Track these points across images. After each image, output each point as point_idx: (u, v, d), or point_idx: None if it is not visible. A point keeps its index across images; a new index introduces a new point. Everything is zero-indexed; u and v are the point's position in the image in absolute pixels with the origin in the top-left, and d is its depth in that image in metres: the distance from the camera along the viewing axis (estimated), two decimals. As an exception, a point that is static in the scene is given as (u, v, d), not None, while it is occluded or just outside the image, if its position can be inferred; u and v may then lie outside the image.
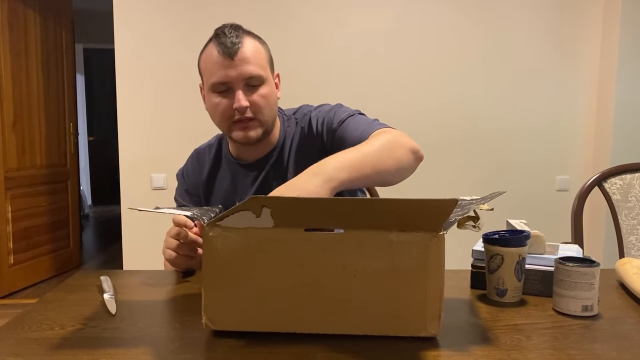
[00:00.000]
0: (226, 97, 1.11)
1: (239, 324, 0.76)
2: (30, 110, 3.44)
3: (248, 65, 1.09)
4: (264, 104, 1.12)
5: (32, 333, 0.77)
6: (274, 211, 0.71)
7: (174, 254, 1.03)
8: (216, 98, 1.12)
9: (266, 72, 1.14)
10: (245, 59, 1.09)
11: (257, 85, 1.12)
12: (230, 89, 1.11)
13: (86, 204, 6.06)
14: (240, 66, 1.09)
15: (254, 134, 1.13)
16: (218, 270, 0.75)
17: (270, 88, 1.15)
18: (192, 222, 1.01)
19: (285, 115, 1.27)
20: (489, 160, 3.10)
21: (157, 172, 3.02)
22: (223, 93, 1.12)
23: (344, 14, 2.98)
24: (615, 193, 1.53)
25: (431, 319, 0.73)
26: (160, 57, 2.97)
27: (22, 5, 3.34)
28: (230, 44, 1.08)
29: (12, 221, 3.29)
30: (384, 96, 3.02)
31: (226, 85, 1.10)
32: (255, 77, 1.10)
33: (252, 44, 1.12)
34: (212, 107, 1.14)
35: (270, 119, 1.17)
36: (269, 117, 1.16)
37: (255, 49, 1.12)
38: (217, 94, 1.12)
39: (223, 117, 1.13)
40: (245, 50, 1.09)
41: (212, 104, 1.13)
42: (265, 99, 1.12)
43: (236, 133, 1.14)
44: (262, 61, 1.13)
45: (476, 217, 0.84)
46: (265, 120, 1.14)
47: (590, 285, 0.83)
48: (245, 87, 1.11)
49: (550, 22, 3.04)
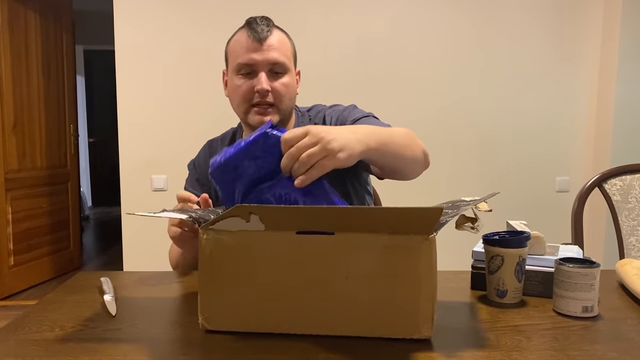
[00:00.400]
0: (249, 79, 1.14)
1: (234, 324, 0.77)
2: (30, 112, 3.44)
3: (275, 51, 1.13)
4: (284, 92, 1.15)
5: (33, 334, 0.77)
6: (263, 217, 0.72)
7: (179, 230, 1.01)
8: (239, 80, 1.15)
9: (290, 63, 1.18)
10: (272, 46, 1.13)
11: (281, 73, 1.15)
12: (255, 72, 1.14)
13: (86, 205, 6.06)
14: (267, 51, 1.13)
15: (270, 119, 1.15)
16: (212, 273, 0.76)
17: (291, 79, 1.18)
18: (196, 197, 1.00)
19: (299, 111, 1.30)
20: (489, 162, 3.10)
21: (157, 174, 3.02)
22: (247, 75, 1.15)
23: (345, 16, 2.98)
24: (615, 194, 1.53)
25: (424, 321, 0.73)
26: (160, 58, 2.97)
27: (22, 7, 3.34)
28: (261, 30, 1.13)
29: (12, 222, 3.29)
30: (383, 98, 3.02)
31: (251, 67, 1.14)
32: (280, 64, 1.14)
33: (281, 35, 1.17)
34: (233, 89, 1.17)
35: (288, 109, 1.19)
36: (287, 107, 1.18)
37: (282, 39, 1.17)
38: (241, 75, 1.15)
39: (244, 98, 1.15)
40: (274, 38, 1.14)
41: (234, 85, 1.16)
42: (286, 88, 1.16)
43: (253, 117, 1.15)
44: (287, 52, 1.17)
45: (475, 218, 0.84)
46: (284, 109, 1.17)
47: (591, 286, 0.83)
48: (269, 72, 1.14)
49: (550, 23, 3.04)
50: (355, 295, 0.74)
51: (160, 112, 2.99)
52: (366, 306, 0.74)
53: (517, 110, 3.08)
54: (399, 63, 3.03)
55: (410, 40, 3.03)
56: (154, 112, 2.99)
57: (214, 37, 2.95)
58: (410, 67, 3.04)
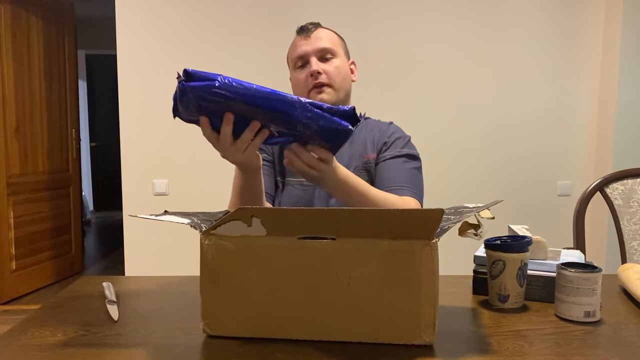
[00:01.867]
0: (304, 69, 1.28)
1: (235, 330, 0.77)
2: (32, 116, 3.45)
3: (321, 40, 1.27)
4: (336, 72, 1.26)
5: (35, 339, 0.77)
6: (264, 221, 0.72)
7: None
8: (297, 73, 1.29)
9: (338, 49, 1.30)
10: (318, 37, 1.27)
11: (330, 57, 1.27)
12: (307, 62, 1.27)
13: (87, 209, 6.07)
14: (314, 42, 1.27)
15: (327, 96, 1.25)
16: (214, 278, 0.76)
17: (342, 62, 1.29)
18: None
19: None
20: (490, 166, 3.10)
21: (159, 178, 3.02)
22: (302, 67, 1.28)
23: (349, 19, 2.99)
24: (617, 198, 1.52)
25: (425, 327, 0.73)
26: (162, 63, 2.98)
27: (25, 12, 3.36)
28: (307, 28, 1.29)
29: (14, 227, 3.29)
30: (383, 100, 3.03)
31: (303, 59, 1.27)
32: (327, 49, 1.27)
33: (326, 30, 1.31)
34: (294, 82, 1.31)
35: (343, 89, 1.29)
36: (342, 86, 1.28)
37: (328, 32, 1.30)
38: (298, 69, 1.29)
39: (303, 85, 1.27)
40: (319, 31, 1.29)
41: (295, 79, 1.30)
42: (337, 69, 1.27)
43: (313, 97, 1.25)
44: (334, 41, 1.30)
45: (478, 225, 0.84)
46: (338, 87, 1.27)
47: (592, 291, 0.83)
48: (320, 58, 1.27)
49: (551, 27, 3.04)
50: (357, 300, 0.74)
51: (161, 116, 2.99)
52: (368, 311, 0.74)
53: (518, 114, 3.09)
54: (400, 67, 3.04)
55: (410, 43, 3.03)
56: (156, 117, 2.99)
57: (215, 42, 2.96)
58: (411, 71, 3.04)
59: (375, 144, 1.30)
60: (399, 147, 1.28)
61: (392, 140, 1.29)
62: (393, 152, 1.28)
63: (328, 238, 0.74)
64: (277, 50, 2.92)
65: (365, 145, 1.30)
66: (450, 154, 3.08)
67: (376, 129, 1.33)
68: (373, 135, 1.32)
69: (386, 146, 1.29)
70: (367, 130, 1.33)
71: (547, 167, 3.13)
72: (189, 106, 0.87)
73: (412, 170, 1.26)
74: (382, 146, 1.29)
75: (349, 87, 1.32)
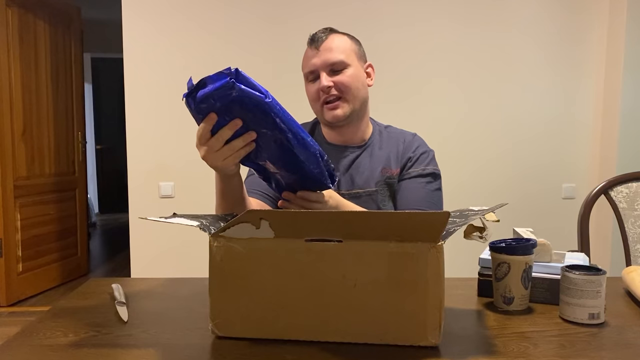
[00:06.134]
0: (315, 82, 1.25)
1: (244, 331, 0.78)
2: (39, 120, 3.47)
3: (331, 53, 1.22)
4: (347, 82, 1.22)
5: (47, 340, 0.79)
6: (272, 223, 0.73)
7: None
8: (309, 86, 1.27)
9: (350, 59, 1.24)
10: (328, 48, 1.23)
11: (341, 69, 1.23)
12: (318, 76, 1.24)
13: (93, 212, 6.09)
14: (323, 55, 1.22)
15: (340, 112, 1.23)
16: (223, 279, 0.78)
17: (356, 70, 1.25)
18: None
19: (378, 125, 1.37)
20: (495, 169, 3.10)
21: (164, 181, 3.04)
22: (314, 80, 1.25)
23: (353, 24, 3.00)
24: (621, 201, 1.53)
25: (432, 328, 0.74)
26: (168, 66, 3.00)
27: (32, 16, 3.38)
28: (318, 38, 1.24)
29: (21, 229, 3.32)
30: (387, 103, 3.04)
31: (314, 73, 1.24)
32: (337, 63, 1.22)
33: (337, 37, 1.26)
34: (308, 94, 1.28)
35: (357, 99, 1.25)
36: (356, 96, 1.24)
37: (340, 40, 1.25)
38: (310, 82, 1.27)
39: (315, 99, 1.26)
40: (329, 41, 1.24)
41: (308, 92, 1.28)
42: (349, 79, 1.23)
43: (326, 113, 1.24)
44: (346, 50, 1.24)
45: (483, 227, 0.85)
46: (352, 99, 1.24)
47: (597, 293, 0.83)
48: (330, 72, 1.23)
49: (555, 30, 3.05)
50: (364, 302, 0.75)
51: (168, 119, 3.01)
52: (374, 313, 0.75)
53: (523, 117, 3.09)
54: (404, 71, 3.05)
55: (413, 44, 3.04)
56: (162, 120, 3.01)
57: (222, 45, 2.98)
58: (414, 74, 3.05)
59: (399, 158, 1.28)
60: (424, 164, 1.27)
61: (416, 156, 1.27)
62: (417, 169, 1.26)
63: (335, 240, 0.75)
64: (283, 55, 2.93)
65: (388, 159, 1.28)
66: (454, 156, 3.09)
67: (400, 141, 1.30)
68: (397, 148, 1.29)
69: (411, 162, 1.27)
70: (390, 143, 1.31)
71: (551, 170, 3.12)
72: (216, 101, 0.83)
73: (434, 192, 1.26)
74: (406, 161, 1.27)
75: (365, 94, 1.28)
